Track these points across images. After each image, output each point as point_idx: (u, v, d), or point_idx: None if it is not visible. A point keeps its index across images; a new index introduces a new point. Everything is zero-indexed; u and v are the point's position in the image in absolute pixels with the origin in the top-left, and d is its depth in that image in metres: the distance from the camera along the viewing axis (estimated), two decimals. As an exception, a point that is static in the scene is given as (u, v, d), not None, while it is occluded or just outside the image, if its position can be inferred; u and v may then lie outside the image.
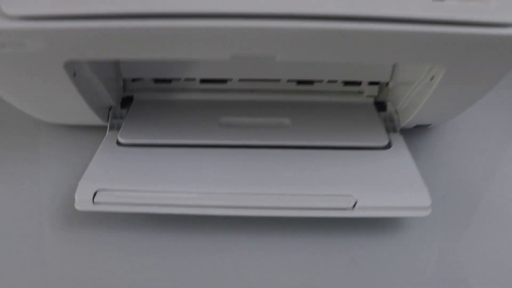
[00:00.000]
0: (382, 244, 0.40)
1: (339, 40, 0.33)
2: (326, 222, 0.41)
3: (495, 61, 0.36)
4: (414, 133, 0.50)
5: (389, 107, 0.51)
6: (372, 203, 0.39)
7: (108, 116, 0.48)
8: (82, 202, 0.38)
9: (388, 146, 0.46)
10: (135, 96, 0.51)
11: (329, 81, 0.52)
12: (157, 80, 0.51)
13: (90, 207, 0.38)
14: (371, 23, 0.33)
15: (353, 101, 0.52)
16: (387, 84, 0.51)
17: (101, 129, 0.47)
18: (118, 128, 0.46)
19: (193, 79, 0.51)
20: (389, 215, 0.39)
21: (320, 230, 0.41)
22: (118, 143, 0.45)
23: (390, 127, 0.49)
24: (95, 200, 0.38)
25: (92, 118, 0.46)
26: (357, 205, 0.38)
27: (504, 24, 0.33)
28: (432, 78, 0.40)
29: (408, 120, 0.47)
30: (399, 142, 0.46)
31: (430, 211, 0.38)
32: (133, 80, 0.51)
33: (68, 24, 0.32)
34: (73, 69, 0.39)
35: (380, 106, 0.51)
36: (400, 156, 0.44)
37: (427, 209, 0.39)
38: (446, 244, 0.40)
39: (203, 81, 0.52)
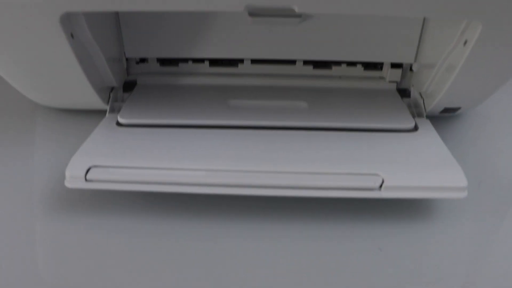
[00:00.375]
0: (412, 232, 0.35)
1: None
2: (349, 207, 0.37)
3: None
4: (442, 122, 0.46)
5: (413, 93, 0.46)
6: (401, 182, 0.34)
7: (109, 98, 0.44)
8: (73, 179, 0.34)
9: (415, 129, 0.41)
10: (138, 80, 0.47)
11: (348, 65, 0.48)
12: (162, 63, 0.48)
13: (81, 185, 0.34)
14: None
15: (374, 87, 0.48)
16: (410, 68, 0.47)
17: (101, 115, 0.43)
18: (119, 111, 0.42)
19: (202, 61, 0.47)
20: (421, 196, 0.34)
21: (343, 216, 0.36)
22: (118, 124, 0.41)
23: (416, 112, 0.44)
24: (87, 177, 0.34)
25: (91, 98, 0.42)
26: (384, 184, 0.34)
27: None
28: (465, 43, 0.36)
29: (435, 102, 0.43)
30: (426, 125, 0.42)
31: (467, 193, 0.34)
32: (137, 62, 0.48)
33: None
34: (70, 29, 0.36)
35: (403, 93, 0.47)
36: (428, 138, 0.40)
37: (463, 190, 0.34)
38: (483, 235, 0.35)
39: (212, 63, 0.48)
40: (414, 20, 0.43)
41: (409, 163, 0.36)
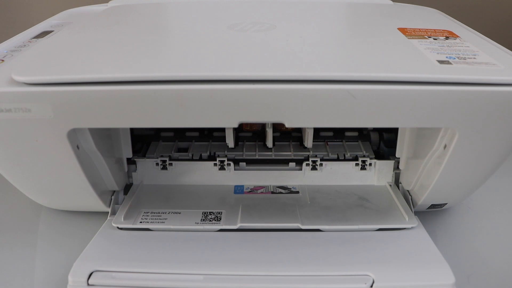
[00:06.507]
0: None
1: (347, 102, 0.33)
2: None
3: (506, 123, 0.35)
4: (429, 217, 0.48)
5: (401, 190, 0.49)
6: (391, 282, 0.36)
7: (111, 201, 0.46)
8: (76, 283, 0.35)
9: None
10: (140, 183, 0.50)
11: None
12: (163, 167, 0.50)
13: (84, 290, 0.35)
14: (380, 85, 0.33)
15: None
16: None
17: (103, 216, 0.45)
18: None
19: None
20: (412, 295, 0.35)
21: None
22: (119, 227, 0.42)
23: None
24: (89, 281, 0.35)
25: (94, 202, 0.44)
26: (375, 284, 0.35)
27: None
28: (445, 147, 0.39)
29: (421, 200, 0.45)
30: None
31: (455, 290, 0.35)
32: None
33: (71, 89, 0.33)
34: (76, 141, 0.38)
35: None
36: (417, 235, 0.42)
37: (452, 286, 0.35)
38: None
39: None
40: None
41: (397, 261, 0.38)
